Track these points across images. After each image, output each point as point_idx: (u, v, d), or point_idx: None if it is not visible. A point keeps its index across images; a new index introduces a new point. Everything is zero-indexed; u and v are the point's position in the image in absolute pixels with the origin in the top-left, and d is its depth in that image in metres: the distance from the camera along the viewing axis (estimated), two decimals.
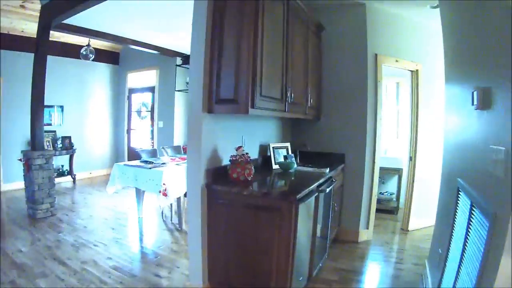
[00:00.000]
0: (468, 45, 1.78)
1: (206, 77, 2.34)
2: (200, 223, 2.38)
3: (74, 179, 6.93)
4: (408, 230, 4.13)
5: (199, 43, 2.36)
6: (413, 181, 4.09)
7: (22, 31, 5.71)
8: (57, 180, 6.68)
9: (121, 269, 3.00)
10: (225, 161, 2.56)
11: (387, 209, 4.94)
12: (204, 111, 2.34)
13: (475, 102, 1.50)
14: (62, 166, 6.93)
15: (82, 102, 7.41)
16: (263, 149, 3.22)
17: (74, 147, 6.95)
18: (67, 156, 6.89)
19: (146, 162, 4.60)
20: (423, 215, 4.10)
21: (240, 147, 2.45)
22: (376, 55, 3.63)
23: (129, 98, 8.08)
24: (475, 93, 1.51)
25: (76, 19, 4.84)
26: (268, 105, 2.43)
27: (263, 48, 2.27)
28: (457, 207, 1.87)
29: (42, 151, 4.49)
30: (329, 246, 3.26)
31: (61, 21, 4.51)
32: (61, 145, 6.69)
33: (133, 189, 4.69)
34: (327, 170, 2.99)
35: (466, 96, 1.68)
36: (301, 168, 3.12)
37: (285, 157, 3.24)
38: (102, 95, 7.85)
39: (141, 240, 3.84)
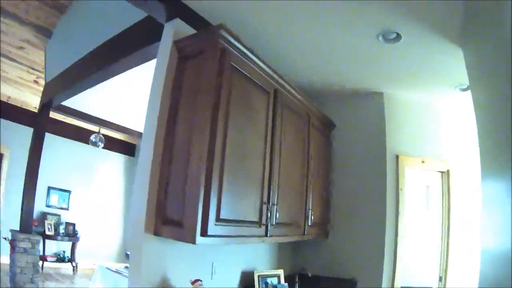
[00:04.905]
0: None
1: (153, 184, 1.76)
2: None
3: (74, 267, 6.37)
4: None
5: (149, 136, 1.84)
6: None
7: (35, 108, 5.70)
8: (56, 265, 6.33)
9: None
10: None
11: None
12: (147, 232, 1.71)
13: None
14: (64, 252, 6.47)
15: (92, 189, 7.08)
16: (247, 277, 2.41)
17: (78, 235, 6.53)
18: (70, 243, 6.45)
19: None
20: None
21: (197, 280, 1.75)
22: (397, 156, 2.88)
23: None
24: None
25: (81, 104, 4.75)
26: (233, 231, 1.75)
27: (226, 147, 1.69)
28: None
29: (29, 234, 4.08)
30: None
31: (60, 101, 4.41)
32: (63, 231, 6.32)
33: None
34: None
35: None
36: None
37: None
38: (114, 186, 7.53)
39: None
